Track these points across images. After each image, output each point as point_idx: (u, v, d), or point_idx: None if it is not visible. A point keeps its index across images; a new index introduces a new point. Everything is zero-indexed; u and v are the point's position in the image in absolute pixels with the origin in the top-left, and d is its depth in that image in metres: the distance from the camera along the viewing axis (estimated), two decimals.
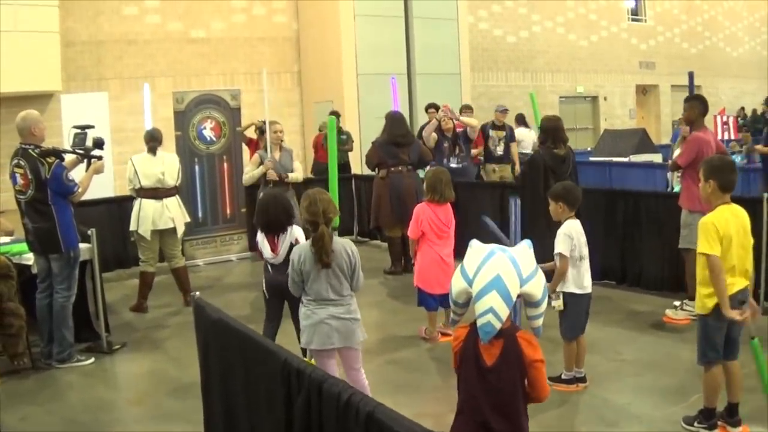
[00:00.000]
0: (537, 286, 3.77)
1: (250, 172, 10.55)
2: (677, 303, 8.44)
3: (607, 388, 6.51)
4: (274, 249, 6.62)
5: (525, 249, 3.83)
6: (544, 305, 3.87)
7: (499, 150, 14.45)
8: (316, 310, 5.34)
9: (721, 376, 5.46)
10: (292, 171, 10.49)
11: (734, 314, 5.14)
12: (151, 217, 9.54)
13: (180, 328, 8.79)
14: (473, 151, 13.68)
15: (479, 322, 3.60)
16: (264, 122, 14.00)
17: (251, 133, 13.41)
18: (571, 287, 6.34)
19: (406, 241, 10.49)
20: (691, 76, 10.11)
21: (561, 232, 6.34)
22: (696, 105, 8.56)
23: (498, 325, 3.58)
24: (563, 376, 6.48)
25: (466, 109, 14.47)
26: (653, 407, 6.10)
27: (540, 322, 3.90)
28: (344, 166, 15.99)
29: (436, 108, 13.61)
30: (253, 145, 13.84)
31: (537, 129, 12.13)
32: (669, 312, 8.42)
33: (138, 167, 9.64)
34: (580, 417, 6.06)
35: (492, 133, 14.56)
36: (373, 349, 7.72)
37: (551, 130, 9.19)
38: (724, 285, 5.16)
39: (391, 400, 5.93)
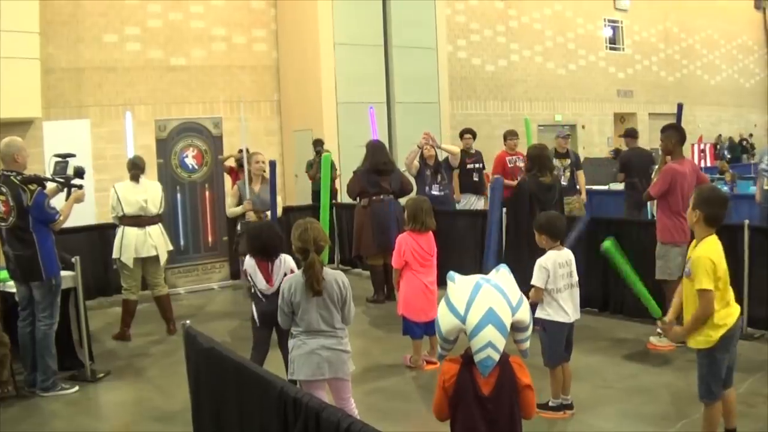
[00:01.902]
0: (525, 312, 3.79)
1: (232, 206, 10.44)
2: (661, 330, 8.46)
3: (593, 414, 6.52)
4: (268, 279, 6.63)
5: (507, 275, 3.84)
6: (531, 328, 3.88)
7: (564, 180, 12.94)
8: (307, 340, 5.30)
9: (721, 409, 5.41)
10: (268, 207, 10.16)
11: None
12: (134, 245, 9.51)
13: (164, 357, 8.77)
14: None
15: (478, 358, 3.59)
16: (241, 152, 13.99)
17: (231, 163, 13.41)
18: (551, 315, 6.37)
19: (388, 269, 10.53)
20: (680, 107, 10.09)
21: (538, 263, 6.38)
22: (672, 134, 8.54)
23: (497, 358, 3.59)
24: (550, 404, 6.49)
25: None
26: None
27: (527, 344, 3.91)
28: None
29: (473, 134, 13.74)
30: (234, 174, 13.82)
31: None
32: (653, 339, 8.44)
33: (121, 195, 9.63)
34: None
35: (556, 162, 12.86)
36: (358, 378, 7.66)
37: (537, 158, 9.23)
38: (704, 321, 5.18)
39: (378, 428, 5.94)
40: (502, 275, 3.82)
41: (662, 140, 8.68)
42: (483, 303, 3.63)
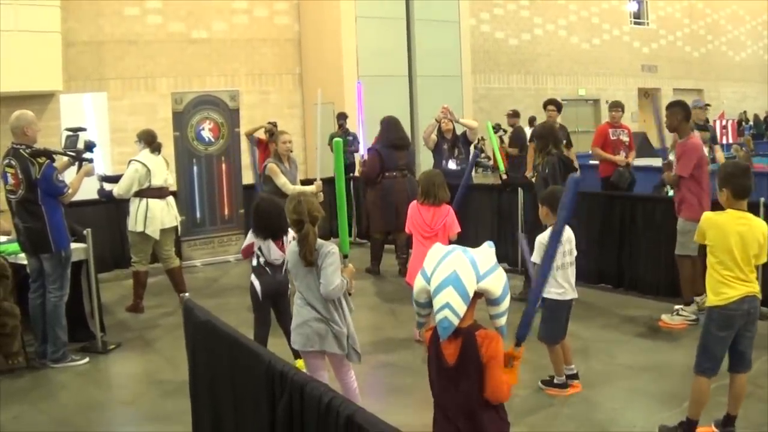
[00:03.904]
0: (495, 284, 3.68)
1: (287, 183, 9.58)
2: (678, 306, 8.39)
3: (599, 392, 6.50)
4: (282, 249, 6.61)
5: (485, 249, 3.79)
6: (506, 304, 3.77)
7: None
8: (302, 310, 5.37)
9: (709, 390, 5.37)
10: (296, 183, 9.91)
11: None
12: (160, 216, 9.55)
13: (175, 329, 8.77)
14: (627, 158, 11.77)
15: (437, 318, 3.57)
16: (273, 125, 13.93)
17: (261, 134, 13.38)
18: (551, 294, 6.34)
19: (388, 242, 11.09)
20: (655, 99, 9.80)
21: (538, 240, 6.34)
22: (677, 111, 8.45)
23: (455, 321, 3.55)
24: (555, 381, 6.48)
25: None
26: (645, 412, 6.08)
27: (503, 320, 3.79)
28: (349, 167, 16.07)
29: (557, 105, 12.79)
30: (263, 147, 13.77)
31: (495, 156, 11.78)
32: (665, 317, 8.38)
33: (151, 167, 9.57)
34: (569, 420, 6.02)
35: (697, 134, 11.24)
36: (366, 351, 7.66)
37: (549, 135, 9.09)
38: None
39: (384, 402, 5.99)
40: (481, 249, 3.78)
41: (668, 117, 8.58)
42: (448, 266, 3.62)
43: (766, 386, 6.38)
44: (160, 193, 9.63)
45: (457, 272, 3.59)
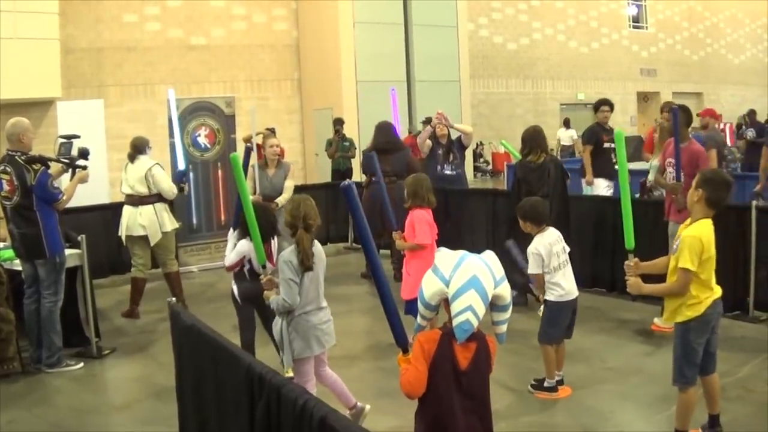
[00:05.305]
0: (507, 290, 3.81)
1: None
2: None
3: (589, 395, 6.53)
4: (270, 258, 6.63)
5: (493, 255, 3.87)
6: (510, 311, 3.88)
7: None
8: (309, 318, 5.45)
9: (697, 396, 5.32)
10: (281, 192, 10.20)
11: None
12: (126, 223, 9.73)
13: (169, 334, 8.79)
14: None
15: (457, 321, 3.61)
16: (270, 131, 14.01)
17: (260, 141, 13.48)
18: (549, 296, 6.40)
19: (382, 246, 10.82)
20: (675, 112, 9.21)
21: (530, 252, 6.42)
22: (679, 115, 8.13)
23: (476, 324, 3.62)
24: (545, 384, 6.51)
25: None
26: (635, 415, 6.15)
27: (505, 328, 3.89)
28: (346, 173, 16.13)
29: (611, 106, 11.98)
30: (260, 151, 13.88)
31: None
32: (657, 320, 8.37)
33: (122, 175, 9.98)
34: (560, 423, 6.07)
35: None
36: (360, 356, 7.81)
37: (528, 140, 9.05)
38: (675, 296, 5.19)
39: (374, 406, 6.01)
40: (488, 255, 3.86)
41: (669, 120, 8.47)
42: (468, 269, 3.69)
43: (757, 390, 6.41)
44: (131, 200, 9.80)
45: (477, 276, 3.67)
